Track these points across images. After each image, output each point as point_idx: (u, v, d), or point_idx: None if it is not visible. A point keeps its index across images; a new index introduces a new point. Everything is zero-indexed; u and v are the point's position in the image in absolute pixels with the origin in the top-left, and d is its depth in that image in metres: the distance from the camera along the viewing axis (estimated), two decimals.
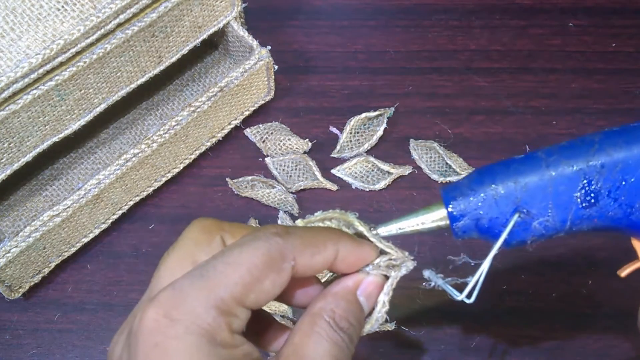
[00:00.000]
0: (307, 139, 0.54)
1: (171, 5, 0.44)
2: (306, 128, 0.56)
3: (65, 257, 0.50)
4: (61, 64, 0.41)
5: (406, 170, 0.53)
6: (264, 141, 0.55)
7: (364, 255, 0.29)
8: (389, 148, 0.55)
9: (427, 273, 0.32)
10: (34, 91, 0.41)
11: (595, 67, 0.58)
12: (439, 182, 0.53)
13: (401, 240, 0.32)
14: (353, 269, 0.29)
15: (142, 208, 0.53)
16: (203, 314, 0.24)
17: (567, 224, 0.32)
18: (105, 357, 0.48)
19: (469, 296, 0.31)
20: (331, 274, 0.32)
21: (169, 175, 0.53)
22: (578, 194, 0.31)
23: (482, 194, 0.31)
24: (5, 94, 0.40)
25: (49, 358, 0.48)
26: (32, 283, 0.49)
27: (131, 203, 0.52)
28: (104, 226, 0.51)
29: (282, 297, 0.30)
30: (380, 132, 0.54)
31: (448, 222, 0.32)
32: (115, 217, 0.51)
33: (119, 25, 0.43)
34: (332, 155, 0.54)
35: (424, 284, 0.32)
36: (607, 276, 0.49)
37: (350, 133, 0.55)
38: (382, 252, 0.30)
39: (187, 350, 0.24)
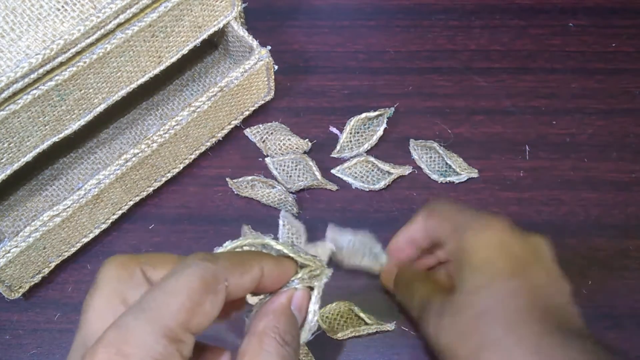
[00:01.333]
0: (307, 139, 0.54)
1: (171, 5, 0.44)
2: (306, 128, 0.56)
3: (65, 257, 0.50)
4: (61, 64, 0.41)
5: (406, 170, 0.53)
6: (264, 141, 0.55)
7: (285, 269, 0.31)
8: (389, 148, 0.55)
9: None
10: (34, 91, 0.41)
11: (595, 67, 0.58)
12: (439, 182, 0.53)
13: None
14: (278, 285, 0.31)
15: (142, 208, 0.53)
16: (154, 344, 0.25)
17: None
18: None
19: None
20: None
21: (169, 175, 0.53)
22: None
23: None
24: (5, 94, 0.40)
25: (49, 358, 0.48)
26: (32, 283, 0.49)
27: (131, 203, 0.52)
28: (104, 226, 0.51)
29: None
30: (380, 132, 0.54)
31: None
32: (115, 217, 0.51)
33: (119, 25, 0.43)
34: (332, 155, 0.54)
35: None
36: (607, 276, 0.49)
37: (350, 133, 0.55)
38: (301, 266, 0.32)
39: None
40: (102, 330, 0.26)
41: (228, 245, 0.32)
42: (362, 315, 0.47)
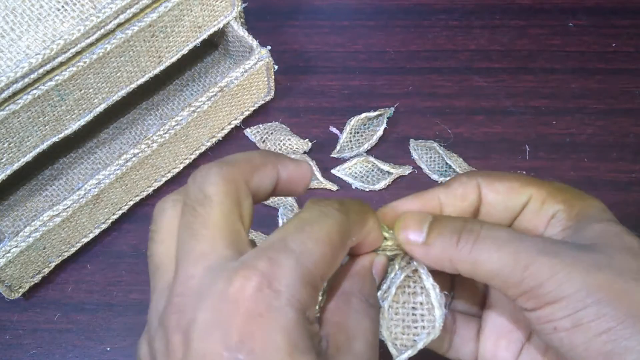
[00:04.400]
0: (307, 139, 0.54)
1: (171, 5, 0.44)
2: (306, 128, 0.56)
3: (65, 257, 0.50)
4: (61, 64, 0.41)
5: (406, 170, 0.53)
6: (264, 141, 0.55)
7: (378, 240, 0.31)
8: (389, 148, 0.55)
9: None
10: (34, 91, 0.41)
11: (595, 67, 0.58)
12: (439, 182, 0.53)
13: None
14: (367, 251, 0.31)
15: (142, 208, 0.53)
16: (301, 289, 0.24)
17: None
18: (105, 357, 0.48)
19: None
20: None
21: (169, 175, 0.53)
22: None
23: None
24: (5, 94, 0.40)
25: (49, 358, 0.48)
26: (32, 283, 0.49)
27: (131, 203, 0.52)
28: (104, 226, 0.51)
29: None
30: (380, 132, 0.54)
31: None
32: (115, 217, 0.51)
33: (119, 25, 0.43)
34: (332, 155, 0.54)
35: None
36: None
37: (350, 133, 0.55)
38: (391, 258, 0.32)
39: (289, 324, 0.24)
40: (225, 247, 0.25)
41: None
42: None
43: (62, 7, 0.41)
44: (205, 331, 0.24)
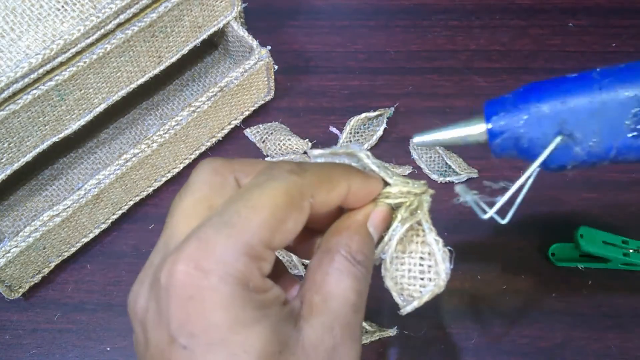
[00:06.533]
0: (307, 139, 0.54)
1: (171, 5, 0.44)
2: (306, 128, 0.56)
3: (65, 257, 0.50)
4: (61, 64, 0.41)
5: (406, 170, 0.53)
6: (264, 141, 0.55)
7: (372, 188, 0.30)
8: (389, 148, 0.55)
9: (458, 188, 0.30)
10: (34, 91, 0.41)
11: (595, 67, 0.58)
12: (439, 182, 0.53)
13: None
14: (363, 203, 0.30)
15: (142, 208, 0.53)
16: (234, 262, 0.24)
17: (613, 153, 0.29)
18: (105, 357, 0.48)
19: (502, 216, 0.29)
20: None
21: (169, 175, 0.53)
22: (629, 122, 0.29)
23: (525, 112, 0.29)
24: (5, 94, 0.40)
25: (49, 358, 0.48)
26: (32, 283, 0.49)
27: (131, 203, 0.52)
28: (104, 226, 0.51)
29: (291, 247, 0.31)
30: (380, 132, 0.54)
31: (487, 137, 0.30)
32: (115, 217, 0.51)
33: (119, 25, 0.43)
34: None
35: (454, 199, 0.31)
36: (607, 277, 0.49)
37: (350, 133, 0.55)
38: (395, 207, 0.30)
39: (223, 300, 0.24)
40: (185, 234, 0.25)
41: (317, 153, 0.30)
42: (362, 323, 0.47)
43: (62, 7, 0.41)
44: (153, 321, 0.25)
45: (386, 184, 0.30)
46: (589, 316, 0.48)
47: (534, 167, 0.30)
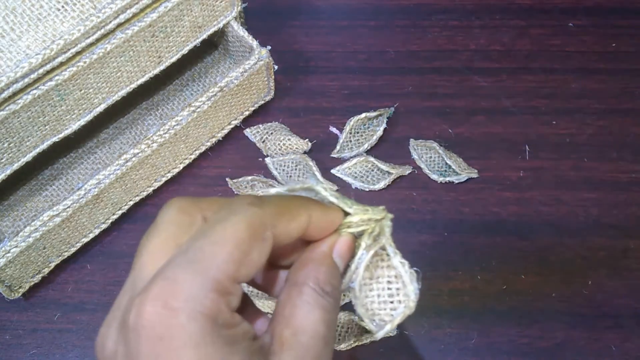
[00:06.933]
0: (307, 139, 0.54)
1: (171, 5, 0.44)
2: (306, 128, 0.56)
3: (65, 257, 0.50)
4: (61, 64, 0.41)
5: (406, 170, 0.53)
6: (264, 141, 0.55)
7: (333, 218, 0.30)
8: (389, 148, 0.55)
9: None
10: (34, 91, 0.41)
11: (595, 67, 0.58)
12: (439, 182, 0.53)
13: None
14: (325, 234, 0.30)
15: (142, 208, 0.53)
16: (202, 298, 0.24)
17: None
18: None
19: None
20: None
21: (169, 175, 0.53)
22: None
23: None
24: (5, 94, 0.40)
25: (49, 358, 0.48)
26: (32, 283, 0.49)
27: (131, 203, 0.52)
28: (104, 226, 0.51)
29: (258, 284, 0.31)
30: (380, 132, 0.54)
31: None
32: (115, 217, 0.51)
33: (119, 25, 0.43)
34: (332, 155, 0.54)
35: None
36: (607, 276, 0.49)
37: (350, 133, 0.55)
38: (358, 235, 0.30)
39: (192, 337, 0.24)
40: (152, 274, 0.25)
41: (274, 191, 0.31)
42: (363, 323, 0.47)
43: (62, 7, 0.41)
44: None
45: (346, 214, 0.30)
46: (589, 316, 0.48)
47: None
